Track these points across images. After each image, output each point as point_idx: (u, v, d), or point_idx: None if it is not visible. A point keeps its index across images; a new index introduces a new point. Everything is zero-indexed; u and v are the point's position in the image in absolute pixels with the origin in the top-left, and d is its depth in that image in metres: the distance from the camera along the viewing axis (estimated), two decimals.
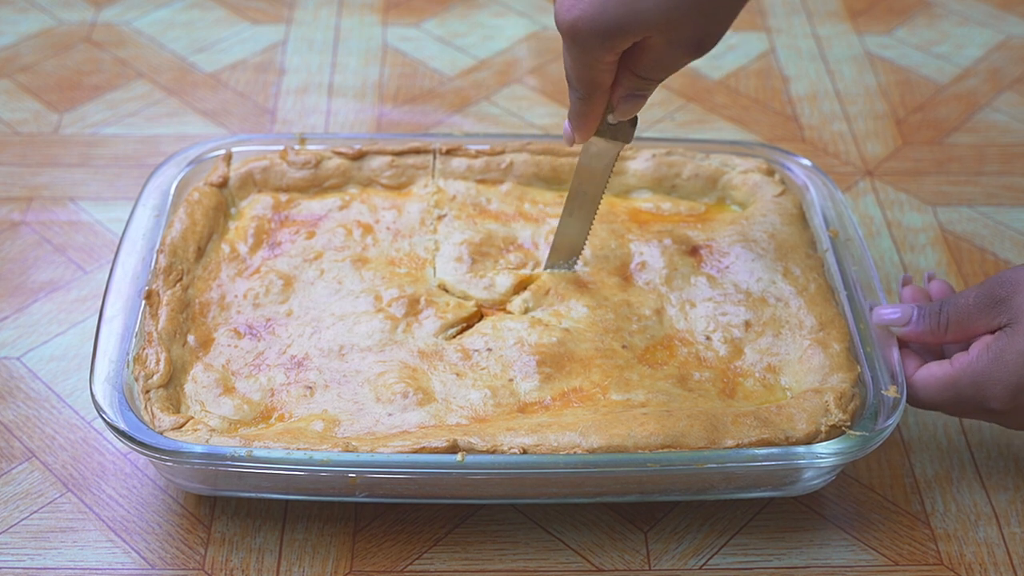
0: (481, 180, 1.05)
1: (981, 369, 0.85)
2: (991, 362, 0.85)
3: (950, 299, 0.89)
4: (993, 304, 0.86)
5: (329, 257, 0.99)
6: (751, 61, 1.37)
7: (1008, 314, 0.86)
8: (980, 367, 0.86)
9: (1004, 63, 1.37)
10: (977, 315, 0.87)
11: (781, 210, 1.03)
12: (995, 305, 0.86)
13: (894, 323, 0.91)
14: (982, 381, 0.85)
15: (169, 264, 0.94)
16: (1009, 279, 0.86)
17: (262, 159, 1.05)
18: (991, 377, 0.85)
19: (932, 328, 0.89)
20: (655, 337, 0.94)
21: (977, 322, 0.87)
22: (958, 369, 0.87)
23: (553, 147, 1.06)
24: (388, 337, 0.92)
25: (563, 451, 0.83)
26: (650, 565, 0.88)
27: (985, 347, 0.86)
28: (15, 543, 0.88)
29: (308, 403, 0.88)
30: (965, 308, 0.88)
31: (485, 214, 1.03)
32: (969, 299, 0.88)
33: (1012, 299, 0.86)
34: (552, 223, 1.02)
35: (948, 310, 0.89)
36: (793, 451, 0.84)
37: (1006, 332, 0.85)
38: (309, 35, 1.39)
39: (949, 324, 0.89)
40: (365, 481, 0.84)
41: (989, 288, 0.87)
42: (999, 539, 0.90)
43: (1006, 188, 1.20)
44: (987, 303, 0.87)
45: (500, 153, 1.06)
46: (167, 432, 0.84)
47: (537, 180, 1.06)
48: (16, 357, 1.01)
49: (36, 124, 1.25)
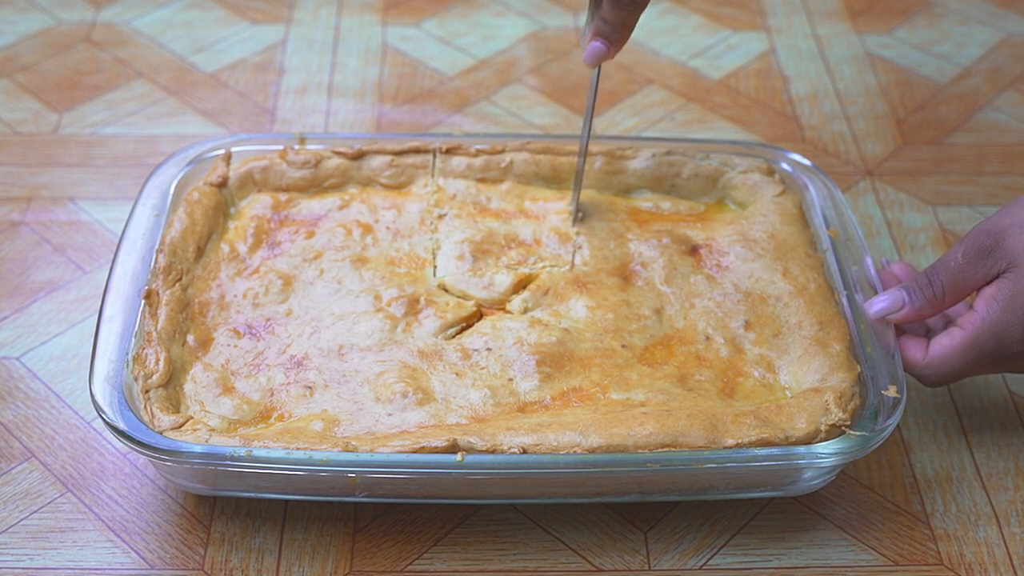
0: (481, 179, 1.05)
1: (995, 319, 0.86)
2: (1003, 310, 0.86)
3: (935, 266, 0.90)
4: (983, 256, 0.87)
5: (329, 257, 0.99)
6: (751, 61, 1.37)
7: (1004, 260, 0.86)
8: (994, 317, 0.86)
9: (1005, 62, 1.37)
10: (970, 271, 0.88)
11: (781, 210, 1.03)
12: (986, 256, 0.87)
13: (887, 311, 0.91)
14: (1000, 331, 0.86)
15: (168, 264, 0.94)
16: (991, 228, 0.87)
17: (262, 159, 1.05)
18: (1008, 324, 0.86)
19: (929, 300, 0.90)
20: (655, 337, 0.94)
21: (972, 278, 0.88)
22: (972, 328, 0.87)
23: (553, 146, 1.06)
24: (388, 337, 0.92)
25: (563, 451, 0.83)
26: (650, 565, 0.88)
27: (991, 298, 0.87)
28: (14, 543, 0.88)
29: (308, 403, 0.88)
30: (957, 269, 0.88)
31: (486, 212, 1.03)
32: (957, 259, 0.88)
33: (1002, 245, 0.87)
34: (554, 220, 1.02)
35: (939, 277, 0.89)
36: (793, 451, 0.84)
37: (1008, 278, 0.86)
38: (309, 35, 1.39)
39: (945, 290, 0.89)
40: (365, 481, 0.84)
41: (973, 242, 0.88)
42: (999, 539, 0.90)
43: (1006, 188, 1.20)
44: (977, 256, 0.87)
45: (500, 152, 1.06)
46: (167, 432, 0.84)
47: (537, 179, 1.06)
48: (16, 357, 1.01)
49: (36, 124, 1.25)
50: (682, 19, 1.43)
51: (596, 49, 0.91)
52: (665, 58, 1.37)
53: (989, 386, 1.01)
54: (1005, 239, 0.86)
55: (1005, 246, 0.86)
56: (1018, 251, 0.86)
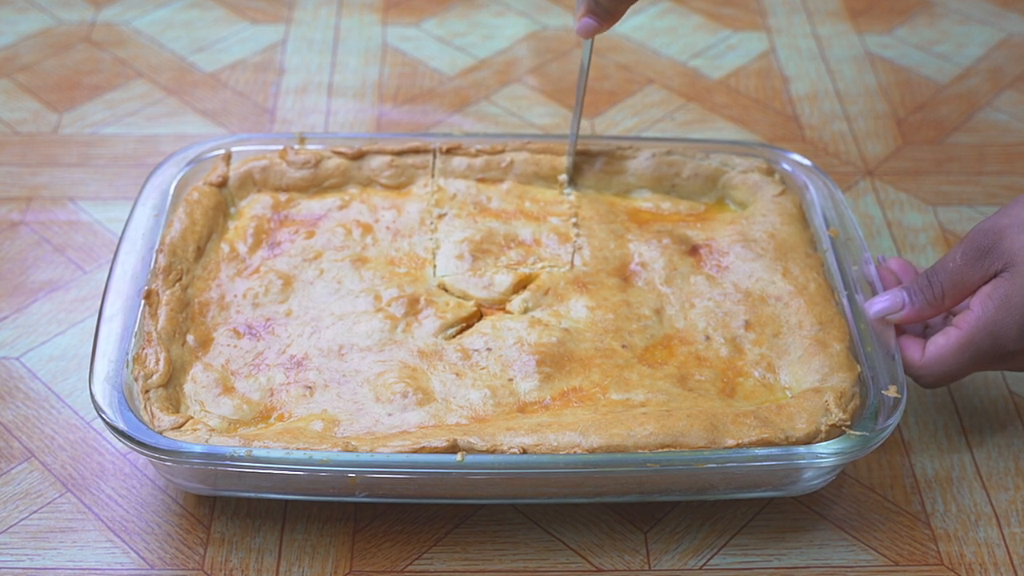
0: (481, 179, 1.05)
1: (991, 318, 0.86)
2: (999, 309, 0.86)
3: (935, 268, 0.90)
4: (982, 256, 0.87)
5: (329, 257, 0.98)
6: (751, 61, 1.37)
7: (1001, 260, 0.87)
8: (990, 316, 0.86)
9: (1005, 61, 1.37)
10: (969, 272, 0.88)
11: (781, 210, 1.02)
12: (984, 256, 0.87)
13: (888, 311, 0.91)
14: (996, 329, 0.86)
15: (168, 264, 0.94)
16: (989, 228, 0.88)
17: (261, 159, 1.05)
18: (1004, 323, 0.86)
19: (929, 301, 0.90)
20: (655, 337, 0.94)
21: (971, 278, 0.88)
22: (968, 328, 0.87)
23: (553, 146, 1.06)
24: (388, 337, 0.92)
25: (563, 451, 0.83)
26: (650, 565, 0.88)
27: (987, 297, 0.87)
28: (14, 543, 0.88)
29: (308, 403, 0.88)
30: (956, 269, 0.88)
31: (486, 212, 1.03)
32: (956, 259, 0.89)
33: (999, 245, 0.87)
34: (553, 221, 1.02)
35: (939, 278, 0.89)
36: (793, 451, 0.84)
37: (1004, 277, 0.86)
38: (309, 35, 1.39)
39: (944, 291, 0.89)
40: (365, 481, 0.84)
41: (972, 242, 0.88)
42: (999, 539, 0.90)
43: (1007, 188, 1.20)
44: (975, 257, 0.88)
45: (500, 152, 1.06)
46: (166, 432, 0.84)
47: (537, 179, 1.06)
48: (15, 357, 1.01)
49: (35, 124, 1.25)
50: (682, 19, 1.43)
51: (587, 24, 0.93)
52: (665, 58, 1.37)
53: (989, 386, 1.01)
54: (1003, 239, 0.86)
55: (1002, 246, 0.86)
56: (1015, 250, 0.86)
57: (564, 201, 1.04)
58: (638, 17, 1.43)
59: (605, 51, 1.37)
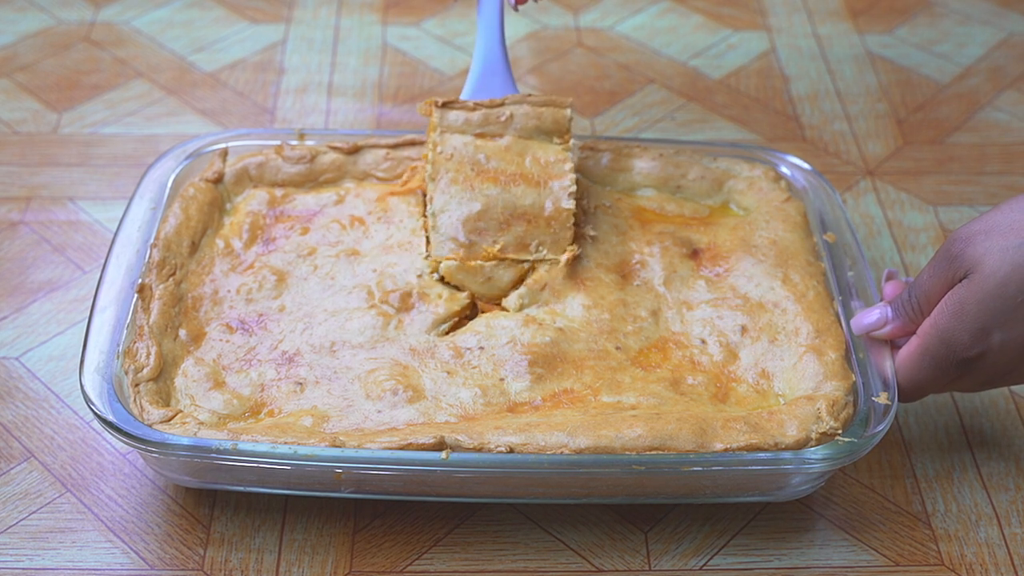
0: (479, 134, 1.02)
1: (943, 325, 0.84)
2: (952, 315, 0.84)
3: (915, 280, 0.89)
4: (948, 263, 0.85)
5: (323, 252, 0.98)
6: (751, 60, 1.37)
7: (964, 267, 0.84)
8: (942, 323, 0.85)
9: (1005, 61, 1.37)
10: (939, 281, 0.86)
11: (785, 216, 1.02)
12: (950, 264, 0.85)
13: (871, 328, 0.90)
14: (948, 336, 0.84)
15: (162, 258, 0.94)
16: (959, 236, 0.85)
17: (257, 155, 1.05)
18: (956, 329, 0.84)
19: (909, 316, 0.88)
20: (650, 339, 0.93)
21: (941, 288, 0.86)
22: (922, 334, 0.86)
23: (555, 99, 1.02)
24: (380, 334, 0.92)
25: (550, 451, 0.82)
26: (650, 565, 0.88)
27: (944, 304, 0.85)
28: (14, 543, 0.88)
29: (298, 399, 0.88)
30: (927, 281, 0.87)
31: (483, 175, 0.99)
32: (928, 270, 0.87)
33: (965, 252, 0.84)
34: (554, 187, 0.98)
35: (914, 292, 0.88)
36: (780, 455, 0.83)
37: (962, 283, 0.84)
38: (308, 34, 1.39)
39: (920, 304, 0.88)
40: (351, 477, 0.84)
41: (943, 251, 0.86)
42: (1000, 539, 0.90)
43: (1007, 188, 1.20)
44: (944, 265, 0.85)
45: (499, 106, 1.02)
46: (155, 425, 0.84)
47: (539, 133, 1.02)
48: (15, 357, 1.01)
49: (35, 123, 1.25)
50: (682, 19, 1.43)
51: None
52: (665, 58, 1.37)
53: None
54: (969, 245, 0.84)
55: (967, 252, 0.84)
56: (977, 256, 0.83)
57: (567, 160, 1.00)
58: (638, 17, 1.43)
59: (605, 51, 1.37)
